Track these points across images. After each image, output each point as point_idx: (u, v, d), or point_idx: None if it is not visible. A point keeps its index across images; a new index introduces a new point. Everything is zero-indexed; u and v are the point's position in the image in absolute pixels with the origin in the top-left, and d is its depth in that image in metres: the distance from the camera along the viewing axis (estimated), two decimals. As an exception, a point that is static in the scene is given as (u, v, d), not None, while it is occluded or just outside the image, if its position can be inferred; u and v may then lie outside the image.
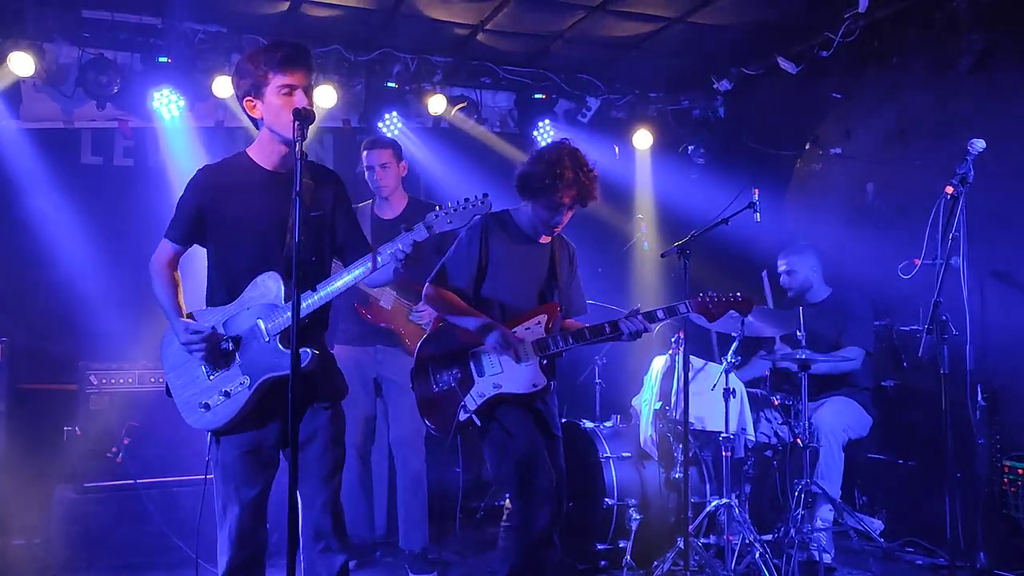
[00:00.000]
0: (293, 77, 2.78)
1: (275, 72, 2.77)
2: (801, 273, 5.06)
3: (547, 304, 3.53)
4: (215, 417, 2.87)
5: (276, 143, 2.88)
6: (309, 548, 2.91)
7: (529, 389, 3.38)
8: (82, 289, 5.24)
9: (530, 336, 3.42)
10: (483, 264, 3.46)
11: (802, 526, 4.25)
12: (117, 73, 5.22)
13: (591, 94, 6.39)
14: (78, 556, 4.41)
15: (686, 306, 3.48)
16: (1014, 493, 4.25)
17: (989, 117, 4.68)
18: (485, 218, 3.49)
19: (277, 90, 2.78)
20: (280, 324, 2.81)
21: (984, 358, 4.50)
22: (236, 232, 2.90)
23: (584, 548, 4.47)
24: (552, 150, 3.42)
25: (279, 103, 2.79)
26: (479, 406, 3.35)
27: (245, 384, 2.84)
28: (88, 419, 4.58)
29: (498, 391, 3.38)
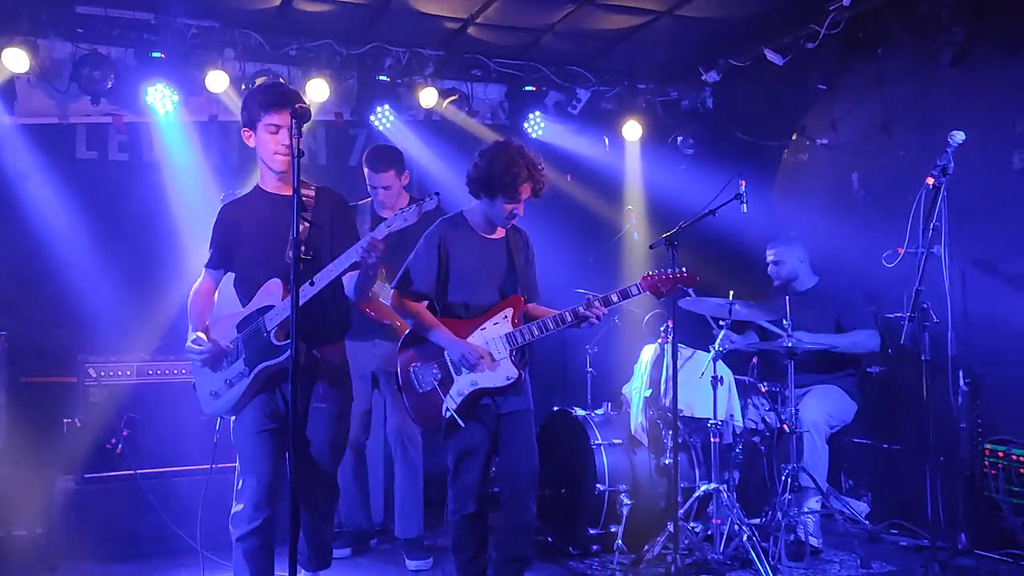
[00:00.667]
0: (278, 117, 3.21)
1: (264, 111, 3.23)
2: (788, 263, 5.14)
3: (511, 297, 3.67)
4: (222, 404, 3.35)
5: (269, 172, 3.36)
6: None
7: (504, 383, 3.56)
8: (80, 283, 5.29)
9: (498, 330, 3.58)
10: (443, 267, 3.64)
11: (789, 510, 4.36)
12: (111, 68, 5.25)
13: (581, 86, 6.44)
14: (79, 546, 4.47)
15: (637, 287, 3.66)
16: (995, 475, 4.37)
17: (970, 108, 4.77)
18: (439, 224, 3.72)
19: (265, 128, 3.25)
20: (275, 320, 3.19)
21: (966, 344, 4.62)
22: (250, 251, 3.36)
23: (576, 533, 4.57)
24: (504, 152, 3.59)
25: (266, 139, 3.26)
26: (459, 405, 3.53)
27: (245, 373, 3.26)
28: (87, 411, 4.64)
29: (475, 387, 3.55)
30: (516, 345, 3.57)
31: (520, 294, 3.68)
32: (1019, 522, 4.24)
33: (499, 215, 3.63)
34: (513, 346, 3.57)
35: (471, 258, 3.65)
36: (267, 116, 3.22)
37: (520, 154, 3.58)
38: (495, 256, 3.69)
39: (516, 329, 3.58)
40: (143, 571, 4.35)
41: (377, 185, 4.60)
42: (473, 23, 5.62)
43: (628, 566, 4.32)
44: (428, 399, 3.59)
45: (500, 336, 3.57)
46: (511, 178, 3.51)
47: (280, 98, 3.22)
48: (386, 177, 4.58)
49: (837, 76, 5.61)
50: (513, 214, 3.62)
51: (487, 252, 3.68)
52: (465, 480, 3.59)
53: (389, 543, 4.80)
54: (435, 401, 3.57)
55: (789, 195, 6.09)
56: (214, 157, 5.83)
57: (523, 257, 3.77)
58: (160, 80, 5.31)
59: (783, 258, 5.16)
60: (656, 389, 4.57)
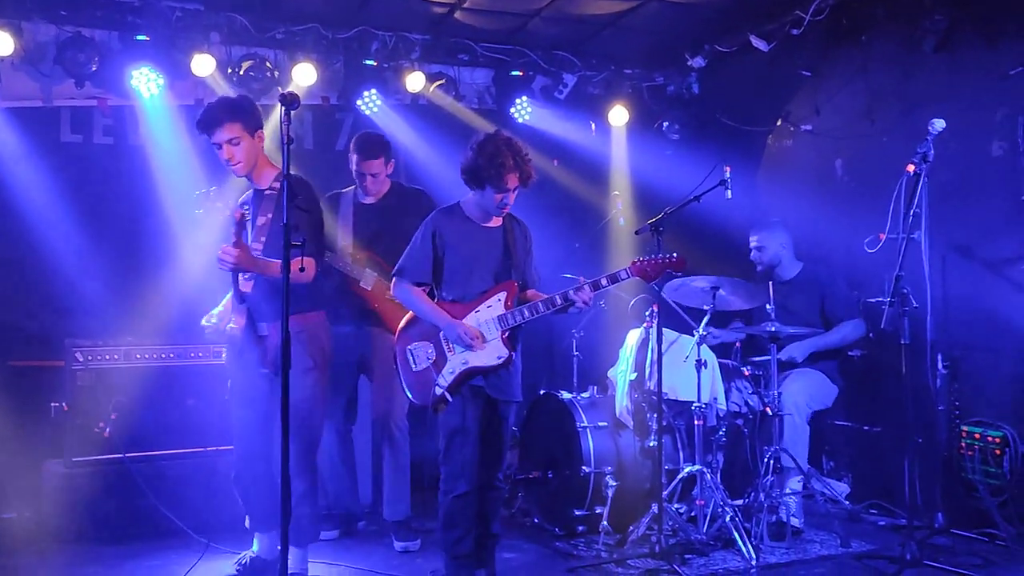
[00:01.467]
0: (214, 136, 3.63)
1: (204, 134, 3.67)
2: (771, 249, 5.19)
3: (505, 282, 3.78)
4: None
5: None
6: None
7: (495, 362, 3.70)
8: (67, 267, 5.27)
9: (491, 313, 3.72)
10: (438, 256, 3.76)
11: (771, 491, 4.43)
12: (95, 51, 5.20)
13: (568, 71, 6.44)
14: (67, 529, 4.50)
15: (626, 272, 3.79)
16: (971, 456, 4.46)
17: (952, 95, 4.82)
18: (435, 214, 3.85)
19: (213, 147, 3.67)
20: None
21: (944, 328, 4.69)
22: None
23: (563, 514, 4.63)
24: (490, 142, 3.69)
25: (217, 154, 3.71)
26: (450, 383, 3.68)
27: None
28: (75, 395, 4.64)
29: (466, 366, 3.69)
30: (508, 326, 3.71)
31: (514, 279, 3.79)
32: (994, 502, 4.32)
33: (491, 205, 3.73)
34: (504, 327, 3.71)
35: (466, 246, 3.77)
36: (208, 138, 3.65)
37: (507, 145, 3.68)
38: (491, 244, 3.80)
39: (508, 311, 3.71)
40: (131, 554, 4.38)
41: (365, 172, 4.62)
42: (460, 7, 5.61)
43: (613, 547, 4.39)
44: (423, 377, 3.75)
45: (492, 318, 3.71)
46: (496, 169, 3.62)
47: (205, 121, 3.63)
48: (375, 164, 4.61)
49: (821, 62, 5.65)
50: (504, 203, 3.71)
51: (483, 240, 3.79)
52: (455, 460, 3.69)
53: (377, 525, 4.85)
54: (429, 379, 3.72)
55: (773, 180, 6.13)
56: (200, 141, 5.74)
57: (520, 246, 3.87)
58: (145, 63, 5.27)
59: (765, 244, 5.21)
60: (641, 372, 4.63)
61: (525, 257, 3.90)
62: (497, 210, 3.75)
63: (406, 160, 6.20)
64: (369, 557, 4.37)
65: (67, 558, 4.34)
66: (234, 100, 3.76)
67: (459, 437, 3.68)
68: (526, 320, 3.72)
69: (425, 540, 4.56)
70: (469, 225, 3.80)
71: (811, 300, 5.08)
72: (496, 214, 3.78)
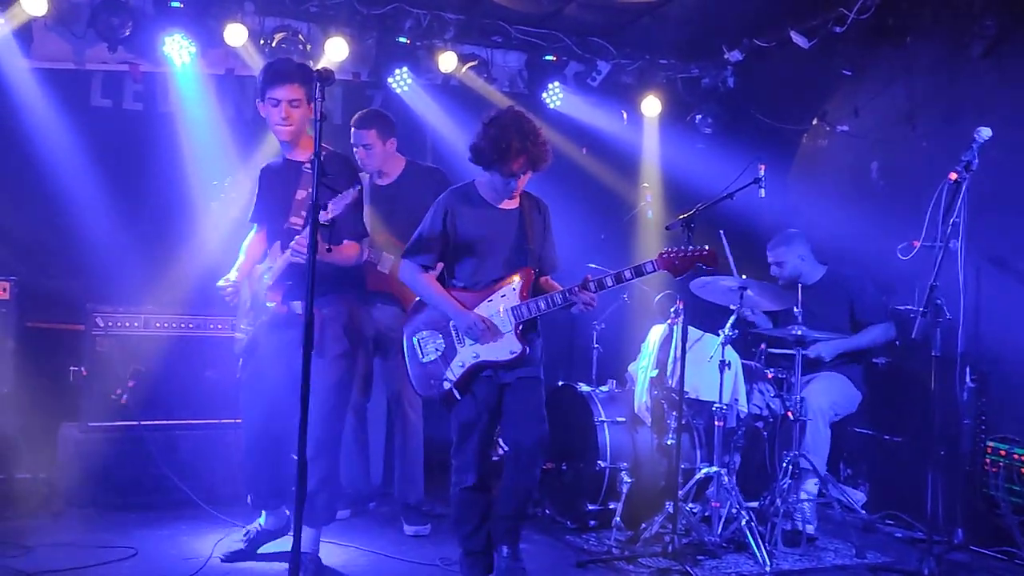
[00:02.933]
0: (278, 91, 3.53)
1: (267, 86, 3.55)
2: (789, 263, 5.10)
3: (521, 269, 3.58)
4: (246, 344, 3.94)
5: (277, 139, 3.69)
6: None
7: (507, 356, 3.51)
8: (92, 231, 5.27)
9: (505, 303, 3.51)
10: (450, 237, 3.55)
11: (787, 496, 4.37)
12: (129, 16, 5.16)
13: (602, 58, 6.35)
14: (81, 493, 4.52)
15: (652, 264, 3.56)
16: (995, 473, 4.38)
17: (998, 103, 4.70)
18: (448, 194, 3.64)
19: (268, 101, 3.57)
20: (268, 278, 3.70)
21: (975, 341, 4.60)
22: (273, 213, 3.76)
23: (575, 508, 4.59)
24: (495, 123, 3.45)
25: (270, 111, 3.60)
26: (459, 377, 3.50)
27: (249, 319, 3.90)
28: (94, 360, 4.64)
29: (477, 360, 3.51)
30: (522, 319, 3.50)
31: (530, 266, 3.60)
32: (1016, 521, 4.25)
33: (499, 187, 3.53)
34: (519, 319, 3.50)
35: (479, 229, 3.56)
36: (269, 90, 3.53)
37: (515, 125, 3.42)
38: (505, 227, 3.60)
39: (523, 302, 3.51)
40: (144, 521, 4.38)
41: (356, 143, 4.58)
42: (497, -12, 5.54)
43: (625, 543, 4.34)
44: (430, 369, 3.59)
45: (507, 309, 3.50)
46: (500, 152, 3.39)
47: (278, 73, 3.54)
48: (367, 135, 4.54)
49: (863, 62, 5.53)
50: (511, 187, 3.50)
51: (497, 222, 3.59)
52: (465, 452, 3.57)
53: (388, 506, 4.83)
54: (437, 372, 3.56)
55: (806, 180, 6.03)
56: (229, 111, 5.78)
57: (537, 228, 3.64)
58: (178, 30, 5.24)
59: (784, 259, 5.12)
60: (663, 370, 4.57)
61: (543, 242, 3.67)
62: (507, 193, 3.55)
63: (434, 141, 6.15)
64: (379, 539, 4.34)
65: (79, 522, 4.36)
66: (303, 65, 3.71)
67: (468, 431, 3.54)
68: (542, 312, 3.51)
69: (436, 525, 4.53)
70: (483, 206, 3.58)
71: (839, 304, 5.00)
72: (506, 196, 3.58)
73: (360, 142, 4.57)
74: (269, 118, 3.61)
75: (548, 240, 3.73)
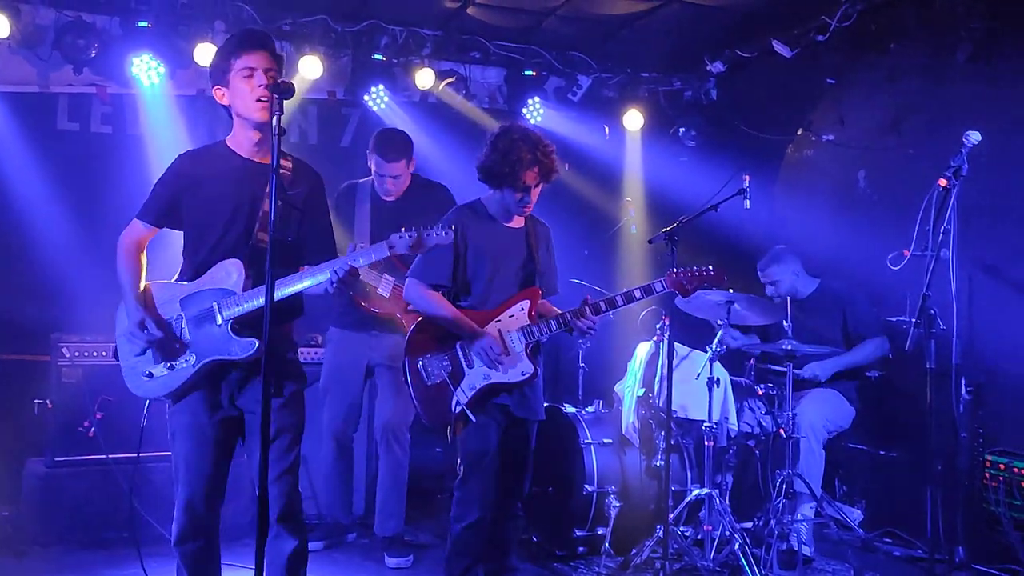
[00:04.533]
0: (251, 59, 2.88)
1: (235, 57, 2.89)
2: (785, 281, 5.00)
3: (529, 289, 3.54)
4: (156, 387, 3.02)
5: (247, 129, 2.97)
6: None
7: (519, 378, 3.43)
8: (57, 258, 5.11)
9: (514, 324, 3.44)
10: (460, 256, 3.47)
11: (782, 516, 4.23)
12: (95, 37, 5.06)
13: (582, 72, 6.29)
14: (48, 529, 4.37)
15: (662, 284, 3.53)
16: (995, 488, 4.25)
17: (986, 108, 4.62)
18: (458, 211, 3.57)
19: (238, 73, 2.89)
20: (234, 312, 2.90)
21: (970, 352, 4.50)
22: (206, 218, 3.00)
23: (562, 534, 4.44)
24: (504, 137, 3.45)
25: (241, 86, 2.89)
26: (471, 399, 3.38)
27: (190, 362, 2.96)
28: (60, 392, 4.50)
29: (488, 381, 3.41)
30: (533, 340, 3.44)
31: (538, 286, 3.55)
32: (1019, 536, 4.12)
33: (511, 204, 3.49)
34: (530, 340, 3.44)
35: (490, 247, 3.51)
36: (238, 60, 2.88)
37: (523, 138, 3.42)
38: (514, 246, 3.56)
39: (534, 324, 3.44)
40: (113, 558, 4.23)
41: (386, 174, 4.38)
42: (473, 3, 5.45)
43: (615, 570, 4.21)
44: (437, 392, 3.44)
45: (517, 329, 3.43)
46: (511, 166, 3.37)
47: (250, 38, 2.95)
48: (397, 167, 4.37)
49: (847, 70, 5.46)
50: (525, 202, 3.47)
51: (506, 241, 3.54)
52: (474, 485, 3.43)
53: (368, 538, 4.66)
54: (444, 395, 3.42)
55: (792, 191, 5.95)
56: (200, 132, 5.64)
57: (543, 249, 3.63)
58: (146, 51, 5.12)
59: (777, 278, 5.03)
60: (650, 388, 4.45)
61: (548, 261, 3.66)
62: (519, 209, 3.50)
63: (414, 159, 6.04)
64: (359, 572, 4.19)
65: (45, 561, 4.21)
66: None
67: (479, 460, 3.40)
68: (553, 333, 3.44)
69: (418, 555, 4.38)
70: (492, 224, 3.53)
71: (831, 317, 4.90)
72: (518, 213, 3.53)
73: (390, 174, 4.35)
74: (241, 96, 2.90)
75: (552, 262, 3.71)
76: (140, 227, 3.10)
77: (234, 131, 3.03)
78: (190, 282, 3.00)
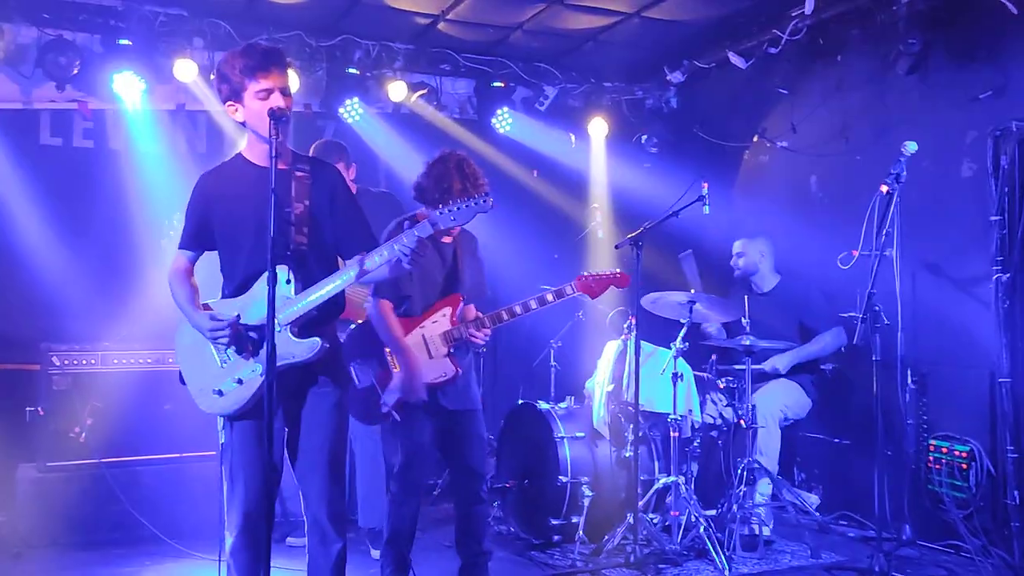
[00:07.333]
0: (268, 80, 2.89)
1: (251, 78, 2.89)
2: (750, 256, 5.28)
3: (451, 296, 3.77)
4: (228, 402, 2.99)
5: (261, 143, 2.96)
6: (309, 535, 3.07)
7: (440, 378, 3.68)
8: (44, 270, 5.24)
9: (437, 329, 3.70)
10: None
11: (744, 502, 4.50)
12: (77, 54, 5.18)
13: (548, 83, 6.51)
14: (41, 534, 4.47)
15: (571, 287, 3.79)
16: (938, 470, 4.56)
17: (924, 117, 4.93)
18: (400, 226, 3.69)
19: (255, 95, 2.89)
20: (291, 315, 2.91)
21: (914, 344, 4.79)
22: (238, 232, 3.02)
23: (539, 523, 4.66)
24: (440, 163, 3.65)
25: (258, 107, 2.89)
26: (395, 401, 3.63)
27: (257, 371, 2.95)
28: (51, 399, 4.62)
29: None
30: (453, 342, 3.69)
31: (460, 293, 3.79)
32: (960, 515, 4.42)
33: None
34: (450, 343, 3.69)
35: (426, 261, 3.62)
36: (255, 82, 2.88)
37: (457, 168, 3.61)
38: (442, 259, 3.78)
39: (453, 327, 3.70)
40: (106, 560, 4.37)
41: None
42: (443, 19, 5.66)
43: (588, 556, 4.43)
44: (366, 395, 3.70)
45: (439, 334, 3.69)
46: (441, 193, 3.55)
47: (264, 60, 2.89)
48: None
49: (798, 81, 5.75)
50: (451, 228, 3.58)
51: (437, 253, 3.76)
52: (412, 476, 3.72)
53: (353, 532, 4.84)
54: (373, 397, 3.67)
55: (750, 196, 6.22)
56: (181, 146, 5.80)
57: (468, 259, 3.87)
58: (127, 67, 5.26)
59: (745, 250, 5.31)
60: (618, 384, 4.68)
61: (474, 272, 3.89)
62: (447, 232, 3.67)
63: (387, 169, 6.24)
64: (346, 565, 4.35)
65: (40, 564, 4.31)
66: None
67: (414, 455, 3.70)
68: (471, 335, 3.69)
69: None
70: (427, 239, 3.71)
71: (788, 315, 5.16)
72: (446, 233, 3.71)
73: None
74: (256, 115, 2.90)
75: (478, 272, 3.95)
76: (182, 257, 3.13)
77: (248, 144, 3.06)
78: (237, 297, 3.01)
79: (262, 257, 2.81)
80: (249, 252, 2.98)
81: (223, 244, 3.07)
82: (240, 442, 3.00)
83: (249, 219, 2.96)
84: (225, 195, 3.03)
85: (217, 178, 3.08)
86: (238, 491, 3.00)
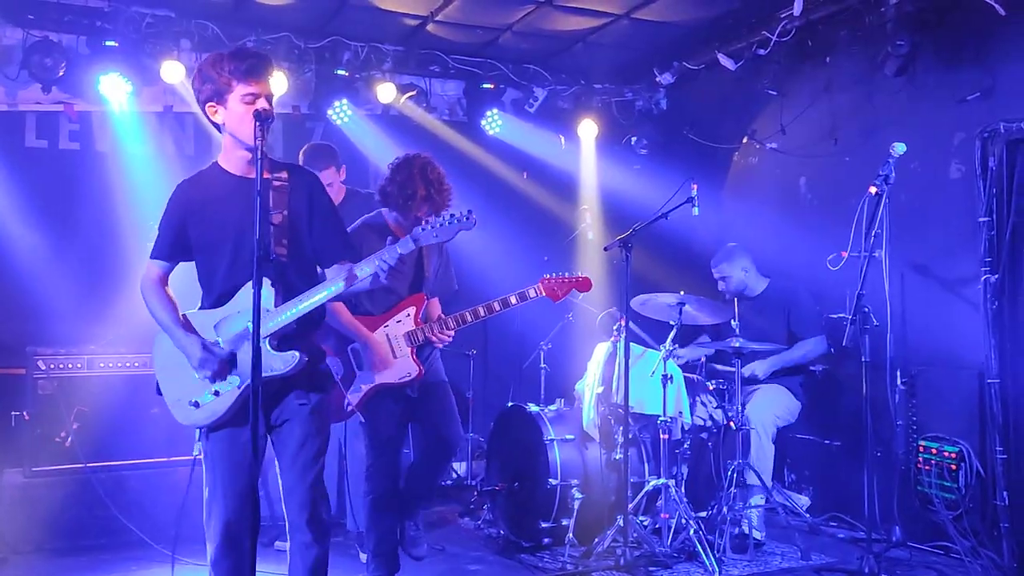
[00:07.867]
0: (257, 86, 2.87)
1: (239, 81, 2.87)
2: (735, 277, 5.24)
3: (415, 295, 3.79)
4: (204, 414, 2.97)
5: (240, 148, 2.95)
6: (290, 539, 3.05)
7: (404, 378, 3.73)
8: (29, 273, 5.20)
9: (400, 328, 3.72)
10: None
11: (734, 504, 4.50)
12: (62, 56, 5.14)
13: (538, 84, 6.50)
14: (27, 539, 4.45)
15: (535, 290, 3.85)
16: (928, 471, 4.56)
17: (912, 118, 4.94)
18: (363, 225, 3.78)
19: (240, 98, 2.87)
20: (270, 328, 2.88)
21: (903, 345, 4.80)
22: (215, 241, 2.98)
23: (529, 526, 4.65)
24: (404, 168, 3.67)
25: (242, 111, 2.87)
26: (359, 400, 3.69)
27: (235, 384, 2.94)
28: (37, 404, 4.60)
29: (373, 384, 3.72)
30: (417, 343, 3.72)
31: (423, 293, 3.81)
32: (949, 516, 4.42)
33: (405, 227, 3.67)
34: (414, 344, 3.72)
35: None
36: (242, 86, 2.86)
37: (421, 173, 3.62)
38: (408, 259, 3.70)
39: (418, 327, 3.73)
40: (92, 564, 4.34)
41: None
42: (432, 20, 5.65)
43: (578, 559, 4.41)
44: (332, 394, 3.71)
45: (402, 334, 3.72)
46: (404, 198, 3.58)
47: (253, 65, 2.87)
48: (327, 175, 4.60)
49: (787, 82, 5.75)
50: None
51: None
52: (381, 466, 3.80)
53: (343, 535, 4.83)
54: (338, 395, 3.70)
55: (739, 197, 6.23)
56: (168, 148, 5.77)
57: (435, 260, 3.88)
58: (114, 69, 5.22)
59: (728, 273, 5.27)
60: (608, 386, 4.67)
61: (442, 272, 3.91)
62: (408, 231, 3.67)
63: (376, 171, 6.21)
64: (335, 569, 4.31)
65: (26, 569, 4.29)
66: None
67: (384, 446, 3.77)
68: (435, 336, 3.73)
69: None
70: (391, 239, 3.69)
71: (777, 316, 5.15)
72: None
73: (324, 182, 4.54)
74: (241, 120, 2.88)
75: (445, 272, 3.98)
76: (155, 267, 3.07)
77: (225, 151, 3.01)
78: (218, 308, 2.98)
79: (242, 268, 2.83)
80: (228, 263, 2.95)
81: (201, 255, 3.02)
82: (217, 452, 2.98)
83: (228, 229, 2.93)
84: (203, 205, 2.98)
85: (195, 188, 3.04)
86: (217, 501, 2.97)
